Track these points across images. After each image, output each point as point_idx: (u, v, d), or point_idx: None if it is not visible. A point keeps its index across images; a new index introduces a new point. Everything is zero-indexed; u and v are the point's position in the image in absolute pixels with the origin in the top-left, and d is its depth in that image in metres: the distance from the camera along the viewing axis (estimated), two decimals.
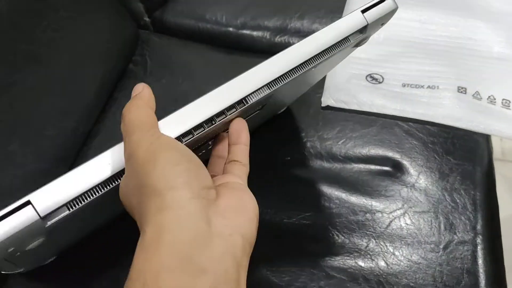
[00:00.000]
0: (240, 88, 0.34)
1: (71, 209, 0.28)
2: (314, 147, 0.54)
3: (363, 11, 0.37)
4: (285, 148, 0.54)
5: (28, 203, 0.26)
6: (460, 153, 0.53)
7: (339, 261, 0.46)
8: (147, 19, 0.73)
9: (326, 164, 0.53)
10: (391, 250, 0.47)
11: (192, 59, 0.66)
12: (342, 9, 0.69)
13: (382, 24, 0.41)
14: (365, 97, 0.58)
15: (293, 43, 0.67)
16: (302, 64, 0.35)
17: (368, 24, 0.37)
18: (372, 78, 0.60)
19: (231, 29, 0.70)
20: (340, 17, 0.67)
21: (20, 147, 0.45)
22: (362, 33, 0.38)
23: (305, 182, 0.52)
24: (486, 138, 0.55)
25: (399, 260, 0.46)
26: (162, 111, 0.58)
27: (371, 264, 0.46)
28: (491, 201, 0.51)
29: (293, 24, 0.69)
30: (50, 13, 0.49)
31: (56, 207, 0.27)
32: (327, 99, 0.58)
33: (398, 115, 0.56)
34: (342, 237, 0.47)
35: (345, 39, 0.37)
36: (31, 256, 0.34)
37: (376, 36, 0.64)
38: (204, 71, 0.64)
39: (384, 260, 0.46)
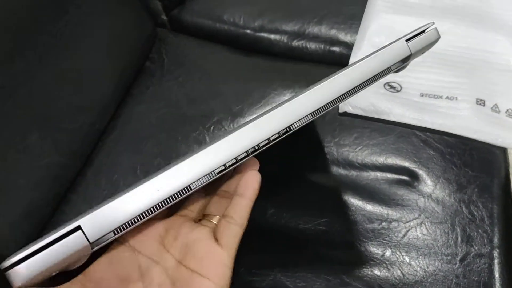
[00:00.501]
0: (286, 115, 0.33)
1: (117, 233, 0.28)
2: (330, 153, 0.54)
3: (407, 40, 0.37)
4: (301, 154, 0.54)
5: (78, 228, 0.26)
6: (478, 165, 0.53)
7: (354, 269, 0.45)
8: (164, 17, 0.73)
9: (342, 171, 0.53)
10: (407, 260, 0.46)
11: (208, 59, 0.66)
12: (361, 16, 0.69)
13: (423, 53, 0.40)
14: (383, 105, 0.57)
15: (310, 48, 0.68)
16: (345, 93, 0.34)
17: (411, 54, 0.37)
18: (390, 87, 0.60)
19: (248, 31, 0.70)
20: (358, 24, 0.67)
21: (39, 140, 0.45)
22: (404, 62, 0.38)
23: (321, 188, 0.51)
24: (504, 151, 0.55)
25: (415, 270, 0.46)
26: (177, 108, 0.58)
27: (387, 273, 0.45)
28: (508, 214, 0.50)
29: (310, 29, 0.69)
30: (73, 8, 0.49)
31: (105, 233, 0.27)
32: (345, 106, 0.57)
33: (416, 124, 0.56)
34: (358, 245, 0.47)
35: (387, 68, 0.36)
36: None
37: None
38: (220, 71, 0.64)
39: (400, 269, 0.46)
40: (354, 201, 0.50)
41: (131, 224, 0.28)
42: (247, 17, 0.71)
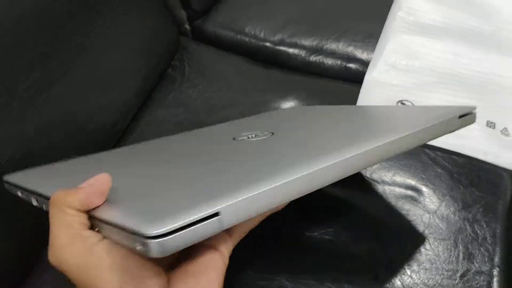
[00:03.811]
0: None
1: (247, 220, 0.27)
2: None
3: (460, 117, 0.39)
4: None
5: (217, 214, 0.25)
6: (484, 185, 0.54)
7: (357, 279, 0.47)
8: (187, 26, 0.76)
9: (351, 184, 0.54)
10: (408, 273, 0.47)
11: (228, 69, 0.69)
12: (378, 35, 0.71)
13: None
14: None
15: (327, 64, 0.70)
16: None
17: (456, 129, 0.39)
18: (403, 105, 0.62)
19: (268, 44, 0.72)
20: (375, 42, 0.69)
21: (63, 140, 0.47)
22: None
23: (329, 198, 0.53)
24: (511, 174, 0.56)
25: (415, 283, 0.47)
26: (195, 115, 0.60)
27: (387, 285, 0.47)
28: (511, 235, 0.51)
29: (328, 45, 0.71)
30: (107, 11, 0.51)
31: (241, 220, 0.26)
32: None
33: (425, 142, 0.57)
34: (362, 255, 0.48)
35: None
36: None
37: (410, 65, 0.66)
38: (239, 82, 0.67)
39: (400, 281, 0.47)
40: (361, 213, 0.52)
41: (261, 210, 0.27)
42: (267, 31, 0.73)
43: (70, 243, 0.28)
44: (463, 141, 0.57)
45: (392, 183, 0.54)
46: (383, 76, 0.65)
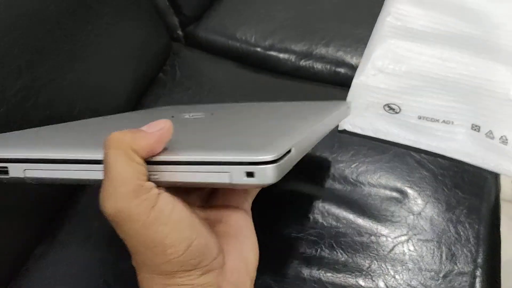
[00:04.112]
0: None
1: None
2: (327, 168, 0.56)
3: None
4: (300, 166, 0.56)
5: (289, 151, 0.27)
6: (469, 187, 0.55)
7: (340, 278, 0.48)
8: (180, 32, 0.77)
9: (337, 185, 0.55)
10: (392, 273, 0.48)
11: (219, 74, 0.70)
12: (367, 40, 0.72)
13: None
14: (381, 125, 0.60)
15: (316, 68, 0.71)
16: None
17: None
18: (390, 108, 0.63)
19: (259, 49, 0.73)
20: (364, 47, 0.70)
21: None
22: None
23: (315, 199, 0.54)
24: (495, 176, 0.57)
25: (398, 283, 0.48)
26: None
27: (371, 285, 0.47)
28: (494, 237, 0.52)
29: (318, 50, 0.72)
30: (96, 19, 0.53)
31: (299, 156, 0.30)
32: (344, 124, 0.60)
33: (411, 145, 0.58)
34: (346, 256, 0.49)
35: None
36: None
37: (397, 69, 0.67)
38: (229, 86, 0.68)
39: (384, 282, 0.48)
40: (346, 215, 0.52)
41: None
42: (258, 36, 0.74)
43: (135, 194, 0.25)
44: (448, 144, 0.58)
45: (378, 185, 0.55)
46: (370, 80, 0.66)
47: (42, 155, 0.30)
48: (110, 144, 0.26)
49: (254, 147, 0.27)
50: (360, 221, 0.52)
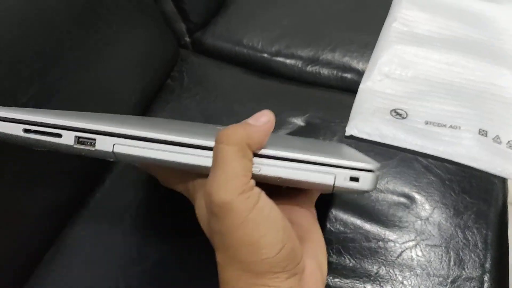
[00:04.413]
0: None
1: None
2: None
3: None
4: None
5: (371, 171, 0.29)
6: (476, 192, 0.55)
7: (348, 284, 0.48)
8: (187, 39, 0.77)
9: None
10: (400, 279, 0.48)
11: (226, 80, 0.70)
12: (373, 45, 0.72)
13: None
14: (387, 131, 0.60)
15: (323, 74, 0.72)
16: None
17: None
18: (396, 113, 0.63)
19: (265, 55, 0.74)
20: (370, 53, 0.70)
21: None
22: None
23: (322, 205, 0.54)
24: (503, 180, 0.57)
25: None
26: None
27: None
28: (502, 242, 0.52)
29: (324, 56, 0.73)
30: (104, 27, 0.53)
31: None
32: (351, 129, 0.60)
33: (418, 150, 0.58)
34: (354, 261, 0.49)
35: None
36: None
37: (404, 74, 0.67)
38: (237, 92, 0.68)
39: (392, 287, 0.48)
40: (354, 220, 0.52)
41: None
42: (265, 42, 0.75)
43: (241, 189, 0.26)
44: (455, 149, 0.58)
45: (385, 191, 0.55)
46: (377, 85, 0.66)
47: (134, 132, 0.30)
48: (225, 139, 0.27)
49: (354, 158, 0.30)
50: (368, 226, 0.52)
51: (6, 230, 0.46)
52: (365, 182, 0.28)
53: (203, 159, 0.29)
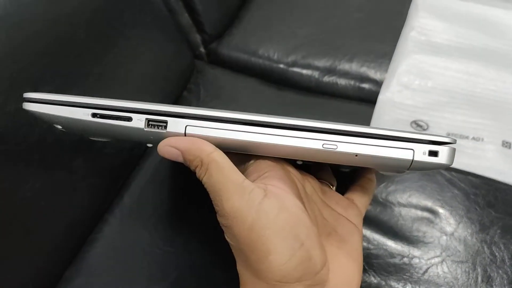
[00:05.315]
0: None
1: None
2: None
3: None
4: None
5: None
6: (502, 206, 0.54)
7: None
8: (203, 50, 0.77)
9: None
10: None
11: (242, 91, 0.70)
12: (391, 55, 0.71)
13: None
14: None
15: (340, 84, 0.71)
16: None
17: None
18: (417, 125, 0.62)
19: (282, 65, 0.73)
20: (388, 63, 0.69)
21: (84, 163, 0.49)
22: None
23: None
24: None
25: None
26: None
27: None
28: None
29: (341, 66, 0.72)
30: (123, 41, 0.53)
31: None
32: None
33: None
34: (379, 278, 0.48)
35: None
36: None
37: (423, 85, 0.66)
38: (253, 103, 0.67)
39: None
40: (377, 236, 0.51)
41: None
42: (281, 53, 0.74)
43: (242, 192, 0.26)
44: (478, 161, 0.57)
45: (408, 205, 0.54)
46: (396, 96, 0.65)
47: (207, 112, 0.30)
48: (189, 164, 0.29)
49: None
50: (392, 242, 0.51)
51: (26, 248, 0.45)
52: (444, 156, 0.28)
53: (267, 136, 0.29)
